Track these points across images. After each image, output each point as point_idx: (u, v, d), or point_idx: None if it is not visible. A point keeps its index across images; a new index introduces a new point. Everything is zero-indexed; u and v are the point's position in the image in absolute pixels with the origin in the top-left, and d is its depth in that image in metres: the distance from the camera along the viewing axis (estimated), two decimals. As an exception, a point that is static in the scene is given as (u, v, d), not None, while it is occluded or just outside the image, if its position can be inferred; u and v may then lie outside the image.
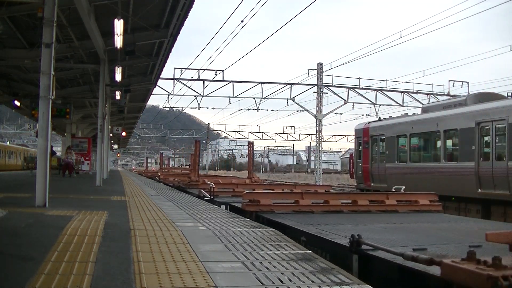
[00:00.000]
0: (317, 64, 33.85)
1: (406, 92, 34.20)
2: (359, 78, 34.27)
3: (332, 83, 33.77)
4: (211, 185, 12.31)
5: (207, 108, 40.21)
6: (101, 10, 13.88)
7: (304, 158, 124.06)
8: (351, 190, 23.87)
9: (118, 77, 17.49)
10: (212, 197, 11.52)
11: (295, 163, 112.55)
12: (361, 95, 34.12)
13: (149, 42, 17.40)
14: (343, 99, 33.98)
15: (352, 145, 38.28)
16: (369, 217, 7.88)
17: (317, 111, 34.18)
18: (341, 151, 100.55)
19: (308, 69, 34.00)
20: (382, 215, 8.24)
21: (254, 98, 34.27)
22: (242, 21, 16.92)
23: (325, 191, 12.84)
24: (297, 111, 37.41)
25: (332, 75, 35.15)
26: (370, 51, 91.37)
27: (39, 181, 8.16)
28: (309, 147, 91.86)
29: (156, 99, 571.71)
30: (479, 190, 14.05)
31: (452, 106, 16.82)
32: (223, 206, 9.85)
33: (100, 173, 17.63)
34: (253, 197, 8.49)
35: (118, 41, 13.41)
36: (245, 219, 7.26)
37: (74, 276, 3.41)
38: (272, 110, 40.55)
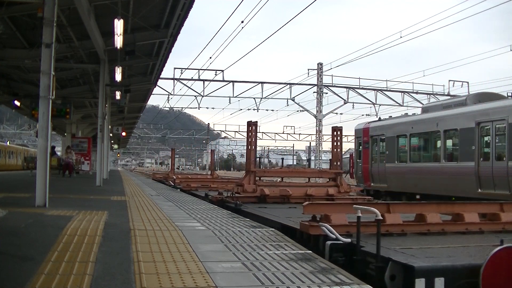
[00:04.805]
0: (317, 64, 33.92)
1: (406, 92, 34.24)
2: (359, 78, 34.34)
3: (332, 83, 33.82)
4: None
5: (207, 108, 40.26)
6: (101, 10, 13.87)
7: (304, 158, 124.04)
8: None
9: (118, 77, 17.48)
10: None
11: (295, 163, 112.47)
12: (361, 95, 34.16)
13: (149, 42, 17.40)
14: (343, 99, 34.00)
15: (352, 145, 38.27)
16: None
17: (317, 111, 34.21)
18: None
19: (308, 69, 34.08)
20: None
21: (254, 98, 34.33)
22: (242, 22, 16.92)
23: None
24: (297, 111, 37.38)
25: (332, 75, 35.25)
26: (370, 51, 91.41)
27: (39, 181, 8.15)
28: (309, 147, 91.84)
29: (156, 99, 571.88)
30: (479, 190, 14.05)
31: (452, 106, 16.81)
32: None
33: (100, 173, 17.62)
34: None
35: (118, 41, 13.40)
36: (245, 219, 7.27)
37: (74, 276, 3.41)
38: (272, 110, 40.56)
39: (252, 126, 10.86)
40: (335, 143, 12.05)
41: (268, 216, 7.97)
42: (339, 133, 12.09)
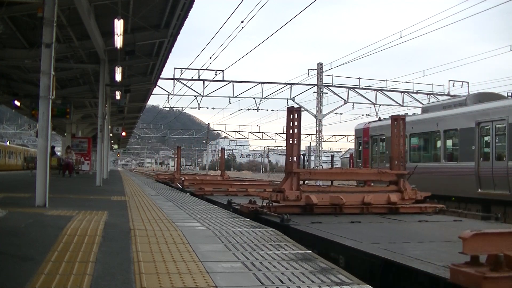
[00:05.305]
0: (317, 64, 33.90)
1: (406, 92, 34.22)
2: (359, 78, 34.32)
3: (332, 83, 33.81)
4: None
5: (207, 108, 40.30)
6: (101, 10, 13.88)
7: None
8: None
9: (118, 77, 17.49)
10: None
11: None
12: (361, 95, 34.14)
13: (149, 42, 17.41)
14: (343, 99, 33.98)
15: (352, 145, 38.28)
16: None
17: (317, 111, 34.20)
18: (341, 151, 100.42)
19: (308, 69, 34.06)
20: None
21: (254, 98, 34.33)
22: (242, 22, 16.93)
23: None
24: (297, 111, 37.30)
25: (332, 75, 35.17)
26: (370, 51, 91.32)
27: (39, 181, 8.15)
28: (309, 147, 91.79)
29: (156, 99, 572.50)
30: (479, 190, 14.05)
31: (452, 106, 16.82)
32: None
33: (100, 173, 17.62)
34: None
35: (118, 41, 13.41)
36: (245, 219, 7.26)
37: (74, 276, 3.41)
38: (272, 110, 40.56)
39: (294, 113, 8.28)
40: (395, 136, 9.35)
41: (345, 242, 5.36)
42: (401, 123, 9.36)
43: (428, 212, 9.00)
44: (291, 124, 8.28)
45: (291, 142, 8.30)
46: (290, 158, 8.31)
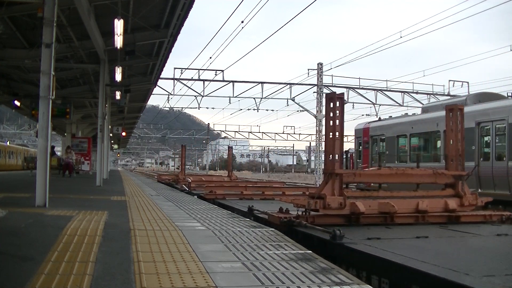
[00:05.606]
0: (317, 64, 33.86)
1: (406, 92, 34.20)
2: (359, 78, 34.31)
3: (332, 83, 33.76)
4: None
5: (207, 108, 40.19)
6: (101, 10, 13.88)
7: (304, 158, 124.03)
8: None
9: (118, 77, 17.49)
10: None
11: (295, 163, 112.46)
12: (361, 95, 34.12)
13: (149, 42, 17.41)
14: (343, 99, 33.93)
15: (352, 145, 38.27)
16: None
17: (317, 111, 34.17)
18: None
19: (308, 69, 34.02)
20: None
21: (254, 98, 34.32)
22: (242, 22, 16.92)
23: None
24: (297, 111, 37.34)
25: (332, 75, 35.15)
26: (370, 51, 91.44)
27: (39, 181, 8.15)
28: (309, 147, 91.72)
29: (156, 99, 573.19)
30: (479, 190, 14.05)
31: (452, 106, 16.84)
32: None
33: (100, 173, 17.61)
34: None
35: (118, 41, 13.41)
36: (245, 219, 7.26)
37: (74, 276, 3.41)
38: (272, 110, 40.53)
39: (334, 101, 6.77)
40: (451, 130, 7.76)
41: (449, 276, 3.71)
42: (459, 114, 7.70)
43: (494, 221, 7.52)
44: (331, 115, 6.74)
45: (331, 136, 6.70)
46: (331, 156, 6.71)
